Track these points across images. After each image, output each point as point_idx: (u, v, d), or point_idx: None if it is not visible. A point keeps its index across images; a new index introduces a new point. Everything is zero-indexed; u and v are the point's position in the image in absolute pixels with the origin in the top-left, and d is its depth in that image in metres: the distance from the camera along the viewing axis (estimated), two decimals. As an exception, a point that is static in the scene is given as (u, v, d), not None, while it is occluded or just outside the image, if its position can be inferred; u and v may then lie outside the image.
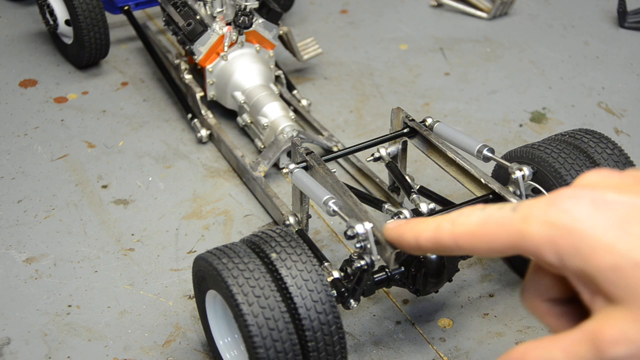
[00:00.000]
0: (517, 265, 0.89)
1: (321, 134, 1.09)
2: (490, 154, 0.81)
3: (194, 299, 0.83)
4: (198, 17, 1.10)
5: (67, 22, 1.24)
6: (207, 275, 0.69)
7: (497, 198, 0.79)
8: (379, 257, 0.68)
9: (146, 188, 1.03)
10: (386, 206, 0.87)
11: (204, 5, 1.12)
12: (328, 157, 0.85)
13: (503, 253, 0.43)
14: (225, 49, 1.10)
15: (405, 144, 0.91)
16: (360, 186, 1.03)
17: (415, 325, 0.83)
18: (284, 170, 1.03)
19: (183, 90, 1.18)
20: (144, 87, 1.25)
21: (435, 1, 1.51)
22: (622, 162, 0.79)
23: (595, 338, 0.39)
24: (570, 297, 0.45)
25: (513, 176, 0.77)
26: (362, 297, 0.74)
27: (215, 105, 1.16)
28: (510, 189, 0.78)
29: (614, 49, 1.37)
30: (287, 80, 1.19)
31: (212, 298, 0.72)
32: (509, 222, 0.42)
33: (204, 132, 1.10)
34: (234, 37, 1.10)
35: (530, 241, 0.40)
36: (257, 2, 1.07)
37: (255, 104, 1.06)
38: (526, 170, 0.77)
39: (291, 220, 0.86)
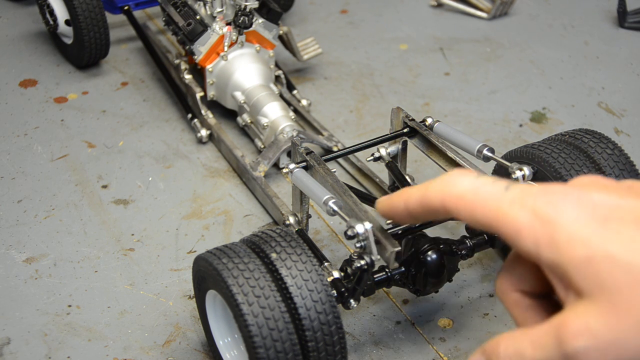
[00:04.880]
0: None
1: (321, 134, 1.09)
2: (490, 154, 0.81)
3: (194, 299, 0.83)
4: (198, 17, 1.10)
5: (67, 22, 1.24)
6: (207, 275, 0.69)
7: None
8: (379, 257, 0.68)
9: (146, 188, 1.03)
10: (386, 206, 0.87)
11: (204, 5, 1.12)
12: (328, 157, 0.85)
13: (482, 226, 0.43)
14: (225, 49, 1.10)
15: (405, 143, 0.91)
16: (360, 186, 1.03)
17: (415, 325, 0.83)
18: (284, 170, 1.03)
19: (183, 90, 1.18)
20: (144, 87, 1.25)
21: (435, 1, 1.51)
22: (622, 162, 0.79)
23: (559, 330, 0.40)
24: (541, 293, 0.46)
25: (513, 176, 0.77)
26: (362, 297, 0.74)
27: (215, 105, 1.16)
28: (510, 189, 0.78)
29: (614, 49, 1.37)
30: (287, 80, 1.19)
31: (212, 298, 0.72)
32: (498, 199, 0.43)
33: (204, 132, 1.10)
34: (234, 37, 1.10)
35: (511, 224, 0.41)
36: (257, 2, 1.07)
37: (255, 104, 1.06)
38: (526, 170, 0.77)
39: (291, 220, 0.86)
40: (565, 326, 0.39)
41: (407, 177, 0.90)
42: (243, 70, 1.10)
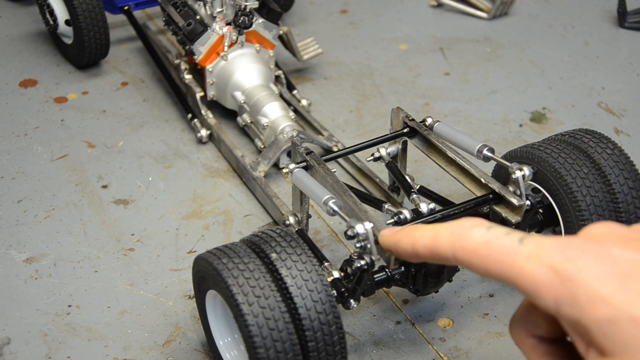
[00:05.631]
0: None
1: (321, 134, 1.09)
2: (490, 154, 0.81)
3: (194, 299, 0.83)
4: (198, 17, 1.10)
5: (67, 22, 1.24)
6: (207, 275, 0.69)
7: (497, 198, 0.79)
8: (379, 257, 0.68)
9: (146, 188, 1.03)
10: (386, 206, 0.87)
11: (204, 5, 1.12)
12: (328, 157, 0.85)
13: (497, 279, 0.43)
14: (225, 49, 1.10)
15: (405, 143, 0.91)
16: (360, 186, 1.03)
17: (415, 325, 0.83)
18: (284, 170, 1.03)
19: (183, 90, 1.18)
20: (144, 87, 1.25)
21: (435, 1, 1.51)
22: (622, 162, 0.79)
23: None
24: (558, 339, 0.46)
25: (513, 176, 0.77)
26: (362, 297, 0.74)
27: (215, 105, 1.16)
28: (510, 188, 0.78)
29: (614, 49, 1.37)
30: (287, 80, 1.19)
31: (212, 298, 0.72)
32: (513, 254, 0.42)
33: (204, 132, 1.10)
34: (234, 37, 1.10)
35: (529, 280, 0.41)
36: (257, 2, 1.07)
37: (255, 104, 1.06)
38: (526, 170, 0.77)
39: (291, 220, 0.86)
40: None
41: (407, 177, 0.90)
42: (243, 70, 1.10)
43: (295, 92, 1.18)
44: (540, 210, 0.81)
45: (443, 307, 0.85)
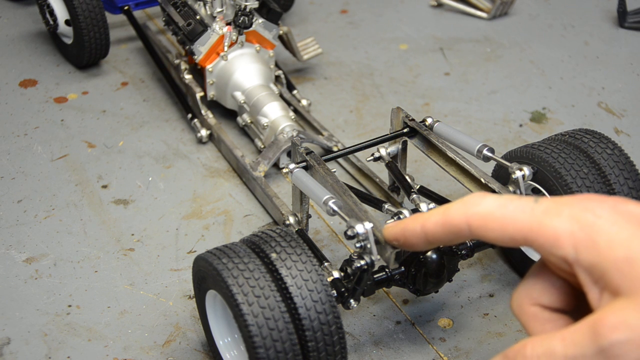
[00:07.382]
0: (518, 265, 0.89)
1: (321, 134, 1.09)
2: (490, 154, 0.81)
3: (194, 299, 0.83)
4: (198, 17, 1.10)
5: (67, 22, 1.24)
6: (207, 275, 0.69)
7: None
8: (379, 257, 0.68)
9: (146, 188, 1.03)
10: (386, 206, 0.87)
11: (204, 5, 1.12)
12: (328, 157, 0.85)
13: (514, 241, 0.43)
14: (225, 49, 1.10)
15: (405, 143, 0.91)
16: (360, 186, 1.03)
17: (415, 325, 0.83)
18: (284, 170, 1.03)
19: (183, 90, 1.18)
20: (144, 87, 1.25)
21: (435, 1, 1.51)
22: (622, 162, 0.79)
23: (594, 325, 0.40)
24: (559, 310, 0.46)
25: (513, 176, 0.77)
26: (362, 297, 0.74)
27: (215, 105, 1.16)
28: (510, 188, 0.78)
29: (614, 49, 1.37)
30: (287, 80, 1.19)
31: (212, 298, 0.72)
32: (531, 211, 0.43)
33: (204, 132, 1.10)
34: (234, 37, 1.10)
35: (549, 232, 0.42)
36: (257, 2, 1.07)
37: (255, 104, 1.06)
38: (526, 170, 0.77)
39: (291, 220, 0.86)
40: (601, 321, 0.40)
41: (407, 177, 0.90)
42: (243, 70, 1.10)
43: (295, 92, 1.18)
44: (540, 210, 0.81)
45: (443, 307, 0.85)
